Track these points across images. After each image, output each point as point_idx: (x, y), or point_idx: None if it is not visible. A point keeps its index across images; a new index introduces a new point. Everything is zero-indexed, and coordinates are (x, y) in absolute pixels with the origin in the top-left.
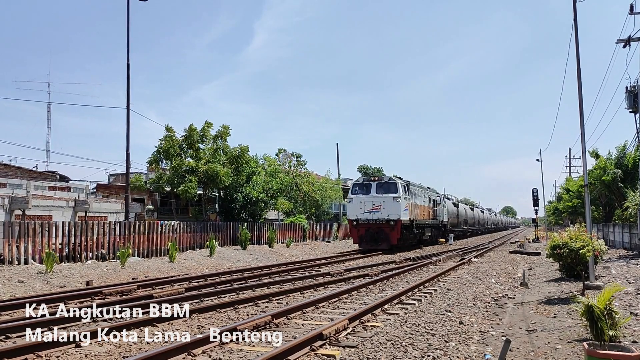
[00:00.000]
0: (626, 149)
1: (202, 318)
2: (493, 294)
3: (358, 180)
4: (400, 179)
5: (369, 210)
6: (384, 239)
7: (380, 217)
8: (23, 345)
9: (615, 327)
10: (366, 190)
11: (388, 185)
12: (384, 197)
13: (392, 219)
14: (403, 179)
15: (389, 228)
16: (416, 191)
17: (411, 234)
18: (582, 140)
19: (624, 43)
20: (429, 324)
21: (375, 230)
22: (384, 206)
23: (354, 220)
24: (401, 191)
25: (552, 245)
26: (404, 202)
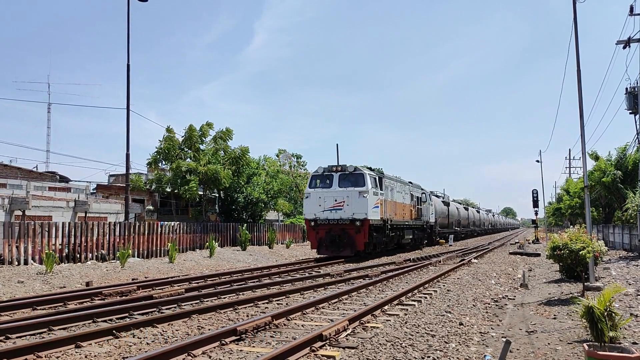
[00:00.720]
0: (626, 150)
1: (202, 319)
2: (493, 295)
3: (317, 171)
4: (371, 170)
5: (329, 207)
6: (347, 243)
7: (343, 217)
8: (23, 346)
9: (616, 328)
10: (327, 183)
11: (354, 177)
12: (348, 192)
13: (358, 219)
14: (375, 171)
15: (354, 230)
16: (393, 186)
17: (384, 237)
18: (582, 141)
19: (624, 44)
20: (429, 325)
21: (338, 232)
22: (348, 202)
23: (311, 221)
24: (369, 184)
25: (552, 246)
26: (374, 198)
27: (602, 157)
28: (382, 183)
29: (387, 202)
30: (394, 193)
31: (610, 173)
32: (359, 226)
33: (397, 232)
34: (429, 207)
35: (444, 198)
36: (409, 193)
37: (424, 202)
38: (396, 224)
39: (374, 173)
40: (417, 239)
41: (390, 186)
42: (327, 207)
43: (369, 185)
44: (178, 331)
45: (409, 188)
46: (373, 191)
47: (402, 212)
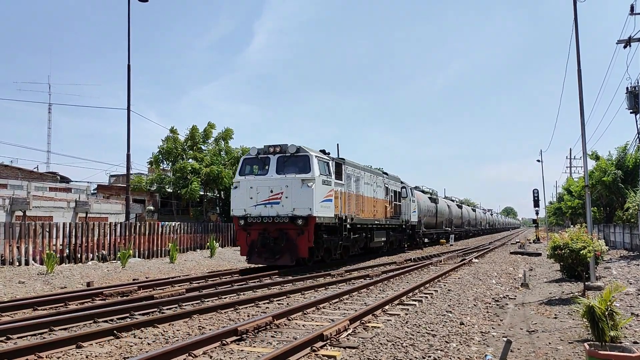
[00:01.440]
0: (627, 149)
1: (203, 319)
2: (494, 295)
3: (250, 152)
4: (325, 153)
5: (263, 201)
6: (286, 248)
7: (280, 213)
8: (24, 346)
9: (616, 327)
10: (262, 168)
11: (296, 160)
12: (287, 180)
13: (300, 216)
14: (331, 155)
15: (296, 231)
16: (360, 176)
17: (341, 240)
18: (583, 141)
19: (624, 43)
20: (430, 324)
21: (274, 234)
22: (288, 194)
23: (240, 218)
24: (317, 170)
25: (553, 246)
26: (324, 189)
27: (602, 157)
28: (343, 171)
29: (349, 196)
30: (361, 185)
31: (611, 172)
32: (302, 226)
33: (363, 233)
34: (410, 204)
35: (431, 194)
36: (383, 186)
37: (403, 198)
38: (361, 223)
39: (327, 157)
40: (395, 241)
41: (355, 176)
42: (261, 200)
43: (315, 171)
44: (179, 331)
45: (383, 180)
46: (323, 179)
47: (373, 208)
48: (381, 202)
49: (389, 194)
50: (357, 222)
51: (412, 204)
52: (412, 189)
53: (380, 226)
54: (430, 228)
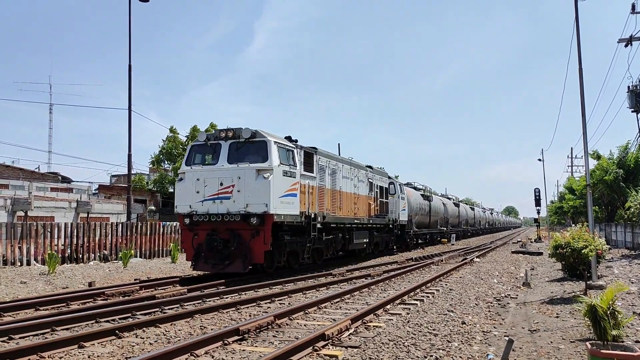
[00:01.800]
0: (628, 148)
1: (205, 318)
2: (495, 294)
3: (198, 139)
4: (292, 141)
5: (212, 195)
6: (237, 252)
7: (231, 210)
8: (26, 346)
9: (618, 326)
10: (212, 157)
11: (251, 147)
12: (240, 170)
13: (254, 213)
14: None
15: (250, 231)
16: (336, 168)
17: (309, 242)
18: (584, 140)
19: (625, 42)
20: (432, 324)
21: (225, 235)
22: (240, 187)
23: (186, 216)
24: (275, 159)
25: (555, 245)
26: (286, 181)
27: (604, 156)
28: (314, 162)
29: (323, 191)
30: (338, 179)
31: (612, 171)
32: (256, 225)
33: (340, 234)
34: (399, 201)
35: (424, 191)
36: (367, 181)
37: (391, 195)
38: (337, 222)
39: (291, 144)
40: (380, 242)
41: (331, 168)
42: (209, 194)
43: (273, 159)
44: (181, 331)
45: (366, 174)
46: (284, 170)
47: (353, 206)
48: (364, 199)
49: (373, 190)
50: (331, 220)
51: (402, 202)
52: (401, 185)
53: (361, 226)
54: (423, 228)
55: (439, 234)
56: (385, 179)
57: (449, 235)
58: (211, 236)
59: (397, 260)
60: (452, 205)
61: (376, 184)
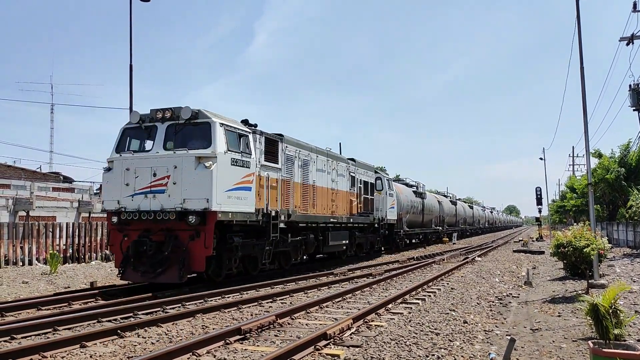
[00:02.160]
0: (630, 147)
1: (206, 318)
2: (497, 293)
3: (131, 120)
4: (250, 125)
5: (143, 188)
6: (173, 258)
7: (166, 206)
8: (28, 346)
9: (620, 325)
10: (147, 142)
11: (192, 130)
12: (176, 159)
13: (193, 210)
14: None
15: (188, 233)
16: (308, 159)
17: (269, 245)
18: (586, 138)
19: (627, 41)
20: (433, 323)
21: (158, 237)
22: (177, 178)
23: (114, 214)
24: (221, 143)
25: (556, 243)
26: (235, 172)
27: (605, 155)
28: (280, 151)
29: (290, 185)
30: (310, 171)
31: (613, 170)
32: (196, 225)
33: (311, 234)
34: (387, 199)
35: (417, 187)
36: (348, 175)
37: (378, 191)
38: (309, 221)
39: (246, 128)
40: (364, 243)
41: (302, 159)
42: (140, 187)
43: (218, 145)
44: (182, 331)
45: (347, 167)
46: (233, 158)
47: (330, 203)
48: (344, 195)
49: (356, 185)
50: (299, 219)
51: (390, 199)
52: (390, 181)
53: (340, 225)
54: (416, 227)
55: (433, 234)
56: (370, 174)
57: (445, 234)
58: (140, 238)
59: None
60: (449, 203)
61: (359, 179)
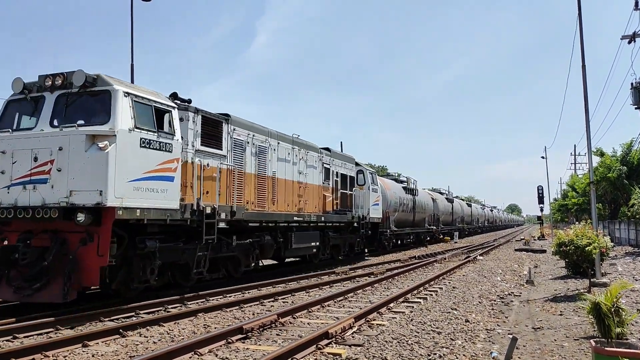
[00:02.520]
0: (632, 146)
1: (208, 317)
2: (499, 292)
3: (14, 89)
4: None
5: (21, 177)
6: (57, 270)
7: (48, 200)
8: (30, 346)
9: (623, 324)
10: (32, 117)
11: (87, 101)
12: (62, 138)
13: (81, 206)
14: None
15: (79, 235)
16: (266, 147)
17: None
18: (588, 137)
19: (629, 39)
20: (435, 322)
21: (41, 240)
22: (61, 164)
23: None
24: (124, 118)
25: (558, 242)
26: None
27: (607, 153)
28: (225, 134)
29: (235, 175)
30: (269, 161)
31: (615, 169)
32: (88, 225)
33: (267, 236)
34: (370, 194)
35: (407, 183)
36: (321, 167)
37: (360, 185)
38: (264, 219)
39: (167, 101)
40: (341, 245)
41: (258, 146)
42: (18, 176)
43: (119, 120)
44: (184, 330)
45: (319, 158)
46: (144, 138)
47: (296, 198)
48: (315, 190)
49: (331, 178)
50: (250, 218)
51: (373, 195)
52: (374, 175)
53: (308, 224)
54: (406, 226)
55: (427, 234)
56: (350, 166)
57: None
58: (17, 243)
59: (400, 258)
60: (445, 200)
61: (336, 171)
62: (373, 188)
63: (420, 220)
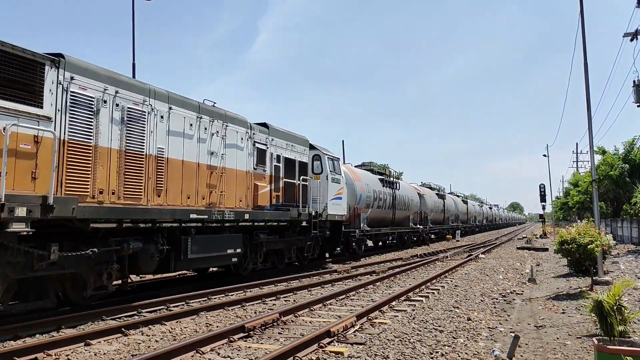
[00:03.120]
0: (634, 143)
1: (210, 316)
2: (501, 290)
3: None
4: None
5: None
6: None
7: None
8: (33, 344)
9: (625, 322)
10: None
11: None
12: None
13: None
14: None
15: None
16: (143, 112)
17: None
18: (590, 135)
19: (631, 37)
20: (437, 320)
21: None
22: None
23: None
24: None
25: (560, 240)
26: None
27: (609, 151)
28: (46, 83)
29: (76, 149)
30: (151, 132)
31: (617, 167)
32: None
33: (140, 242)
34: (329, 186)
35: (385, 174)
36: (250, 147)
37: (316, 174)
38: (127, 218)
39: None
40: (284, 250)
41: (124, 109)
42: None
43: None
44: (186, 328)
45: (246, 135)
46: None
47: (204, 188)
48: (239, 177)
49: (269, 163)
50: (90, 215)
51: (334, 186)
52: (335, 161)
53: (221, 225)
54: (384, 226)
55: (412, 234)
56: (301, 149)
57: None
58: None
59: (402, 257)
60: (434, 196)
61: (278, 155)
62: (334, 178)
63: (403, 219)
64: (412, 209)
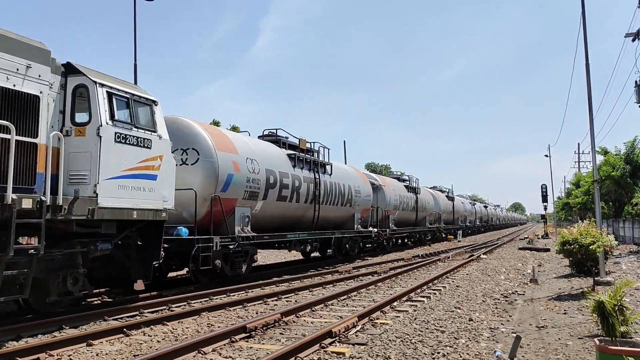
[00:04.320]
0: (635, 144)
1: (212, 316)
2: (502, 291)
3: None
4: None
5: None
6: None
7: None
8: (35, 345)
9: (627, 322)
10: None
11: None
12: None
13: None
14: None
15: None
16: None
17: None
18: (592, 135)
19: (633, 37)
20: (439, 320)
21: None
22: None
23: None
24: None
25: (562, 241)
26: None
27: (610, 152)
28: None
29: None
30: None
31: (619, 167)
32: None
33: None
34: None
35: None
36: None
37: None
38: None
39: None
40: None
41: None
42: None
43: None
44: (188, 329)
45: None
46: None
47: None
48: None
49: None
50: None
51: (129, 150)
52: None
53: None
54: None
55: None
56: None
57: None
58: None
59: (404, 257)
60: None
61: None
62: (129, 135)
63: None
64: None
